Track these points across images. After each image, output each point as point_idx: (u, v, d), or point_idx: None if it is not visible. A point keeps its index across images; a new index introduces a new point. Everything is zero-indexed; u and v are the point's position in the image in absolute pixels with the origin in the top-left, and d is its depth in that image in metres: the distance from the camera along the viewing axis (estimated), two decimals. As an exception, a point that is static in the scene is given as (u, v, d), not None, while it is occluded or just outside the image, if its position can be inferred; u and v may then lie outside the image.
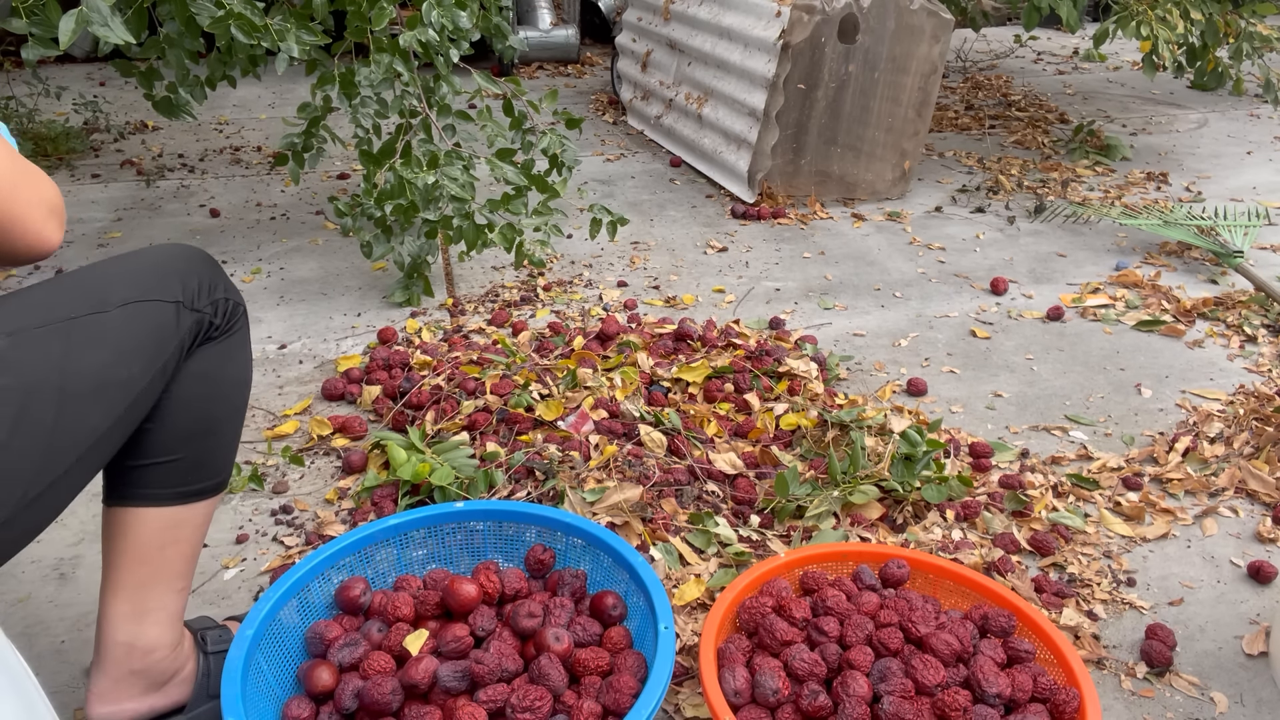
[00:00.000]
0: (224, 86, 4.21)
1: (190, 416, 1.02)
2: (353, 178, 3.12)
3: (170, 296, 0.98)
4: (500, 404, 1.73)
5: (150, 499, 1.01)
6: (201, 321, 1.01)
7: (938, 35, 2.81)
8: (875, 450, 1.61)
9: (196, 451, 1.03)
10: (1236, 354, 2.12)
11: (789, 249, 2.64)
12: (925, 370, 2.03)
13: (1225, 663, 1.30)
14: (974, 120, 4.01)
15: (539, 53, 4.91)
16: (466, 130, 2.25)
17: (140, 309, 0.96)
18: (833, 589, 1.24)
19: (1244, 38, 3.14)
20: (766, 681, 1.09)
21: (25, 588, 1.36)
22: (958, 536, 1.50)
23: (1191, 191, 3.22)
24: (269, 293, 2.29)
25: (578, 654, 1.13)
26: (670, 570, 1.41)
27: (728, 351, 1.97)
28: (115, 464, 1.00)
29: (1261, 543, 1.54)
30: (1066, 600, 1.37)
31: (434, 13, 2.02)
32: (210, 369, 1.03)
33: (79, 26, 1.50)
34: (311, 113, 2.35)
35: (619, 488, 1.50)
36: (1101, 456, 1.72)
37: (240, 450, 1.69)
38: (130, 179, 3.03)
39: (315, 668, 1.10)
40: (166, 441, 1.01)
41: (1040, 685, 1.11)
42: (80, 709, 1.18)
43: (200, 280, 1.01)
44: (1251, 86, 4.57)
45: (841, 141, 2.92)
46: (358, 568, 1.26)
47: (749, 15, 2.91)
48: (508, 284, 2.36)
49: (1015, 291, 2.42)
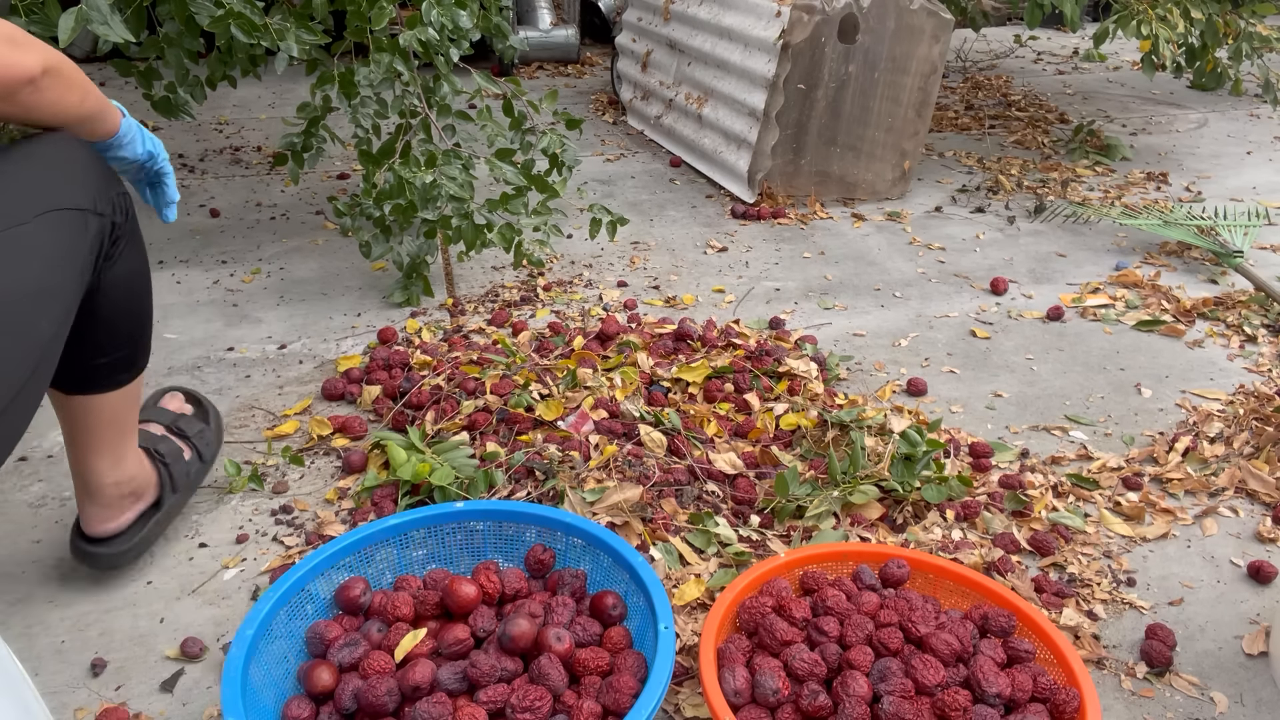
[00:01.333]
0: (224, 86, 4.20)
1: (129, 318, 1.24)
2: (352, 178, 3.12)
3: (78, 204, 1.06)
4: (500, 404, 1.73)
5: (112, 385, 1.24)
6: (106, 224, 1.12)
7: (938, 35, 2.81)
8: (875, 450, 1.61)
9: (136, 342, 1.27)
10: (1236, 354, 2.12)
11: (789, 249, 2.64)
12: (925, 370, 2.03)
13: (1225, 663, 1.30)
14: (974, 120, 4.01)
15: (539, 53, 4.91)
16: (466, 130, 2.25)
17: (56, 218, 1.04)
18: (833, 589, 1.24)
19: (1243, 38, 3.13)
20: (766, 681, 1.09)
21: (25, 588, 1.36)
22: (958, 536, 1.50)
23: (1191, 191, 3.22)
24: (269, 293, 2.29)
25: (578, 654, 1.13)
26: (670, 570, 1.41)
27: (728, 351, 1.97)
28: (75, 365, 1.18)
29: (1261, 543, 1.54)
30: (1066, 600, 1.37)
31: (434, 12, 2.02)
32: (131, 268, 1.22)
33: (78, 24, 1.50)
34: (311, 113, 2.35)
35: (619, 488, 1.50)
36: (1101, 456, 1.72)
37: (240, 450, 1.69)
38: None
39: (315, 668, 1.10)
40: (115, 339, 1.22)
41: (1040, 685, 1.11)
42: (81, 709, 1.18)
43: (98, 178, 1.11)
44: (1251, 86, 4.57)
45: (841, 141, 2.92)
46: (358, 568, 1.26)
47: (749, 15, 2.91)
48: (508, 284, 2.35)
49: (1015, 291, 2.42)
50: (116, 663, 1.24)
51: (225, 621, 1.32)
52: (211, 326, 2.12)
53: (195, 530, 1.49)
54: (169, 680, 1.22)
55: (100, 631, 1.29)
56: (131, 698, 1.20)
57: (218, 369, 1.95)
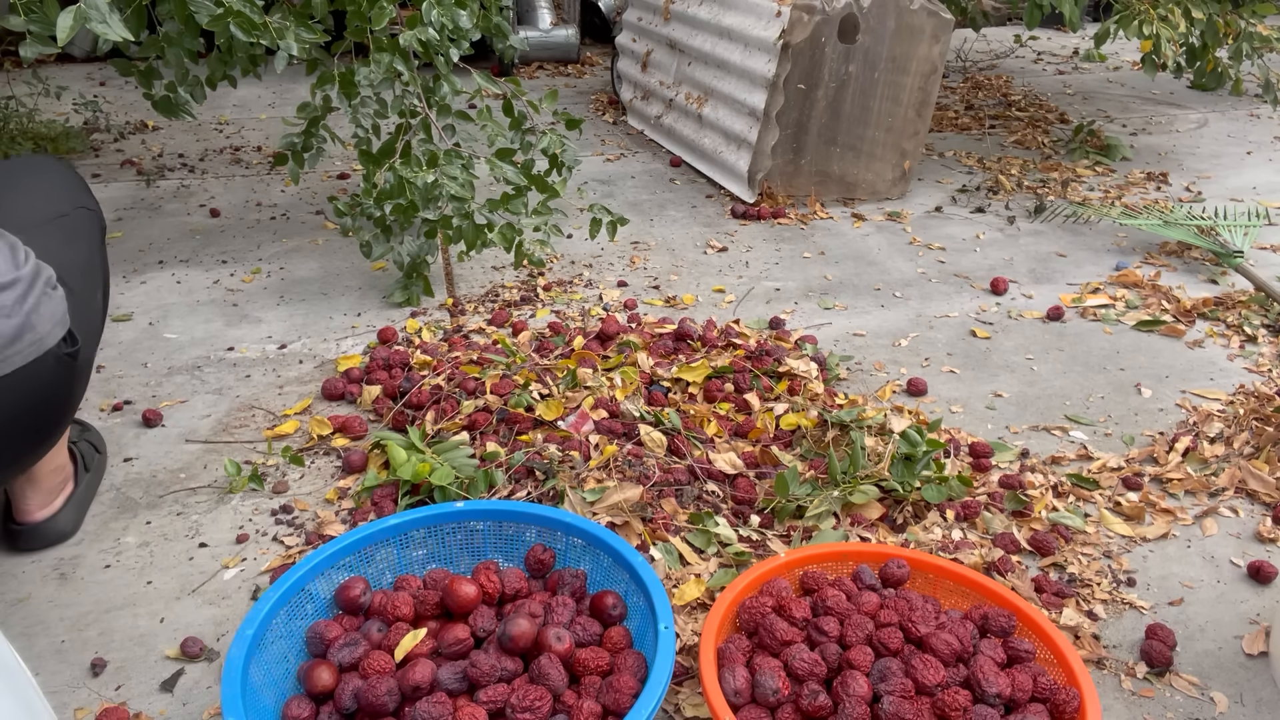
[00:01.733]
0: (224, 86, 4.20)
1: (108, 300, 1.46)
2: (353, 178, 3.12)
3: (92, 205, 1.41)
4: (500, 404, 1.73)
5: None
6: (103, 220, 1.43)
7: (938, 35, 2.81)
8: (875, 450, 1.61)
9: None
10: (1236, 354, 2.12)
11: (789, 249, 2.64)
12: (925, 370, 2.03)
13: (1225, 663, 1.30)
14: (974, 120, 4.01)
15: (539, 53, 4.91)
16: (466, 130, 2.25)
17: (85, 214, 1.36)
18: (833, 589, 1.24)
19: (1244, 38, 3.13)
20: (766, 681, 1.09)
21: (25, 588, 1.36)
22: (958, 536, 1.50)
23: (1191, 191, 3.22)
24: (269, 293, 2.29)
25: (578, 654, 1.13)
26: (670, 570, 1.40)
27: (728, 351, 1.97)
28: None
29: (1261, 543, 1.54)
30: (1066, 600, 1.37)
31: (434, 12, 2.02)
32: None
33: (77, 23, 1.50)
34: (311, 113, 2.35)
35: (619, 488, 1.50)
36: (1101, 456, 1.72)
37: (240, 450, 1.69)
38: (130, 179, 3.03)
39: (315, 668, 1.10)
40: None
41: (1040, 685, 1.11)
42: (81, 708, 1.18)
43: (87, 189, 1.43)
44: (1251, 86, 4.57)
45: (841, 141, 2.92)
46: (358, 568, 1.26)
47: (749, 15, 2.91)
48: (508, 284, 2.35)
49: (1015, 291, 2.42)
50: (116, 663, 1.24)
51: (225, 621, 1.32)
52: (211, 326, 2.12)
53: (195, 530, 1.49)
54: (169, 680, 1.22)
55: (100, 631, 1.29)
56: (131, 698, 1.20)
57: (218, 369, 1.95)
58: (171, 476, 1.61)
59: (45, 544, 1.44)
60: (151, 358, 1.99)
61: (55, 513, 1.45)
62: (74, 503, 1.48)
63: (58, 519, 1.44)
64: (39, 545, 1.43)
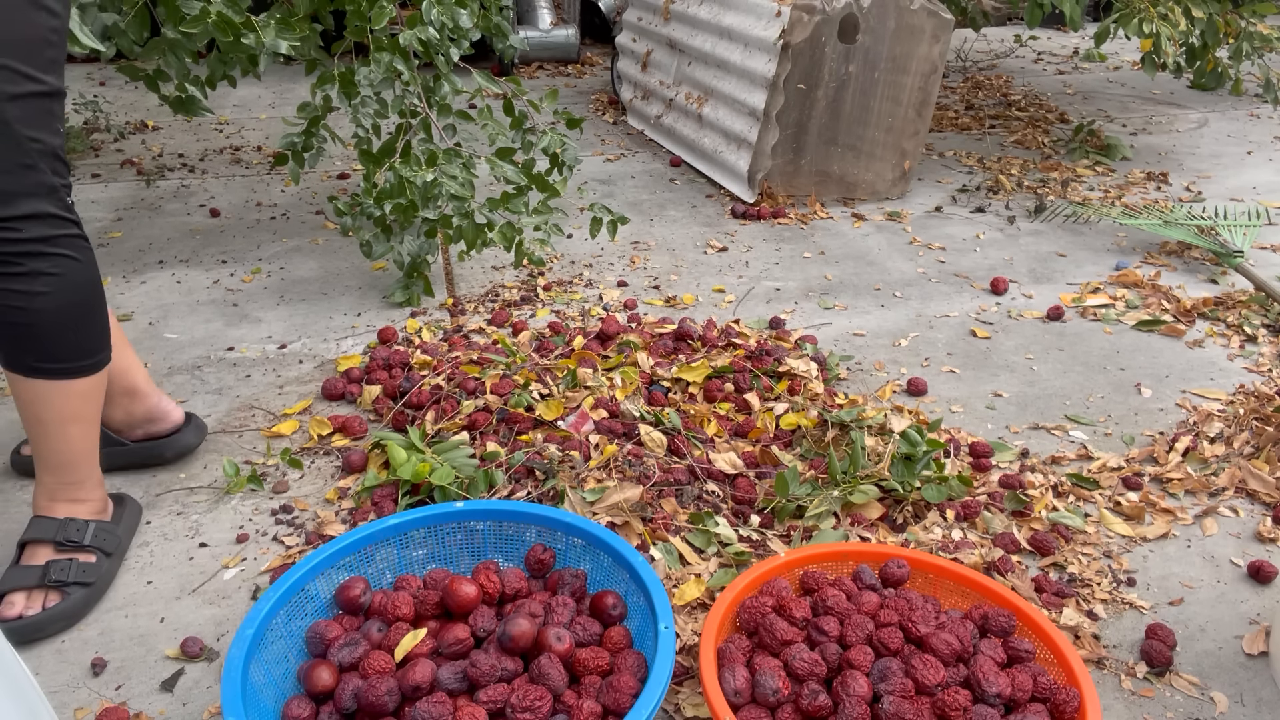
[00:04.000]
0: (224, 86, 4.21)
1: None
2: (353, 177, 3.12)
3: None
4: (500, 404, 1.73)
5: None
6: None
7: (938, 35, 2.81)
8: (875, 450, 1.61)
9: None
10: (1236, 354, 2.12)
11: (789, 249, 2.64)
12: (925, 370, 2.03)
13: (1225, 662, 1.30)
14: (974, 120, 4.01)
15: (539, 52, 4.91)
16: (467, 130, 2.25)
17: None
18: (833, 589, 1.24)
19: (1244, 38, 3.13)
20: (766, 681, 1.09)
21: (25, 587, 1.36)
22: (958, 536, 1.50)
23: (1191, 191, 3.22)
24: (269, 293, 2.29)
25: (578, 654, 1.13)
26: (670, 570, 1.41)
27: (728, 351, 1.97)
28: None
29: (1261, 543, 1.54)
30: (1066, 600, 1.37)
31: (434, 11, 2.02)
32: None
33: None
34: (311, 112, 2.35)
35: (619, 488, 1.50)
36: (1101, 456, 1.72)
37: (240, 450, 1.69)
38: (130, 179, 3.03)
39: (315, 667, 1.10)
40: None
41: (1040, 685, 1.11)
42: (81, 708, 1.18)
43: None
44: (1251, 86, 4.57)
45: (841, 141, 2.92)
46: (358, 567, 1.26)
47: (749, 15, 2.91)
48: (508, 284, 2.35)
49: (1015, 291, 2.42)
50: (116, 663, 1.24)
51: (225, 621, 1.32)
52: (211, 326, 2.12)
53: (195, 530, 1.49)
54: (169, 680, 1.22)
55: (100, 631, 1.29)
56: (131, 697, 1.20)
57: (218, 369, 1.95)
58: (171, 476, 1.61)
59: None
60: (151, 358, 1.99)
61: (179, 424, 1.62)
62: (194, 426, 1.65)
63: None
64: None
